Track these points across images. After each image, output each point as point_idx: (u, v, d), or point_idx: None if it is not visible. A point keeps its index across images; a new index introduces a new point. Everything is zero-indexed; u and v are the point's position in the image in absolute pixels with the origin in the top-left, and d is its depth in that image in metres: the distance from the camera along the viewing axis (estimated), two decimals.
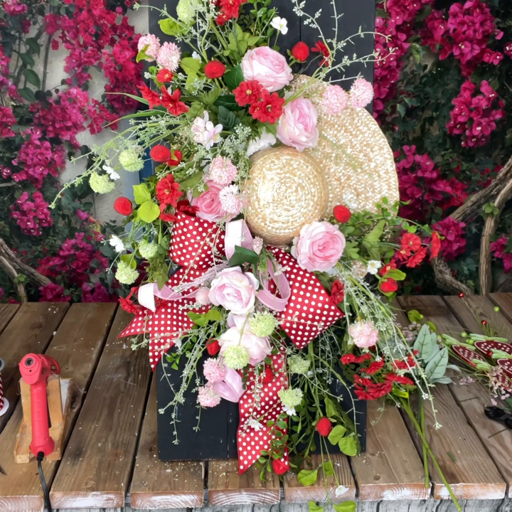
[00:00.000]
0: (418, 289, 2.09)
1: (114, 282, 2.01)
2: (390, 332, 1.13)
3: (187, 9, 1.05)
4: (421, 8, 1.81)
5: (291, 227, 1.11)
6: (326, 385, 1.26)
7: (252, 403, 1.23)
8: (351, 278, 1.13)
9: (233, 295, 1.07)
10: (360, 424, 1.29)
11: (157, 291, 1.15)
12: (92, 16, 1.77)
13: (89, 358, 1.64)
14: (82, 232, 1.96)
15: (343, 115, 1.17)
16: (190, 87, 1.07)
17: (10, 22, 1.77)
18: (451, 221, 2.01)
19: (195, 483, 1.23)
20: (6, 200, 1.91)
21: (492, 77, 1.87)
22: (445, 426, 1.40)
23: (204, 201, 1.10)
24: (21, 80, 1.82)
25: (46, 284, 2.00)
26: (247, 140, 1.09)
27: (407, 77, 1.88)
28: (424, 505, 1.29)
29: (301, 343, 1.16)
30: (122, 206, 1.09)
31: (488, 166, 1.96)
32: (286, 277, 1.13)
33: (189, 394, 1.24)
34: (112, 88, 1.84)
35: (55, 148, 1.88)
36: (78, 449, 1.31)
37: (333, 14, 1.06)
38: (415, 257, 1.10)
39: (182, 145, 1.09)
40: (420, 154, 1.94)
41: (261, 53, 1.05)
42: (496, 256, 2.06)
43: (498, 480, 1.25)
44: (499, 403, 1.48)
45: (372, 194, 1.20)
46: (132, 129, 1.08)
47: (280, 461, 1.24)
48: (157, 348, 1.21)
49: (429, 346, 1.56)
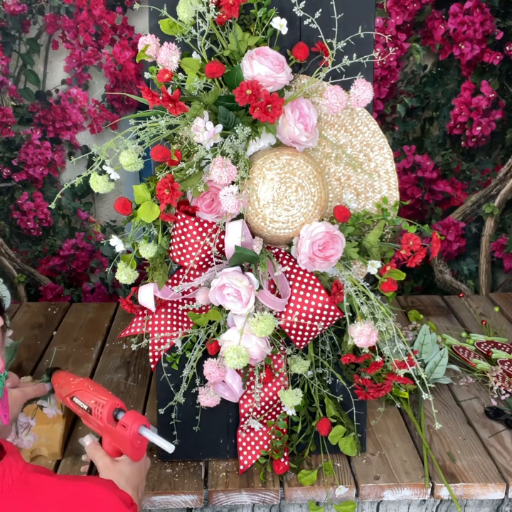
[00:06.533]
0: (418, 289, 2.09)
1: (114, 282, 2.01)
2: (390, 332, 1.13)
3: (187, 9, 1.05)
4: (421, 8, 1.81)
5: (291, 227, 1.11)
6: (326, 385, 1.26)
7: (252, 403, 1.23)
8: (351, 278, 1.13)
9: (233, 295, 1.07)
10: (360, 424, 1.29)
11: (157, 291, 1.14)
12: (92, 16, 1.77)
13: (89, 358, 1.64)
14: (82, 232, 1.96)
15: (343, 115, 1.17)
16: (190, 87, 1.07)
17: (10, 22, 1.76)
18: (451, 221, 2.01)
19: (195, 483, 1.23)
20: (6, 200, 1.91)
21: (492, 77, 1.87)
22: (445, 426, 1.40)
23: (204, 201, 1.10)
24: (21, 80, 1.82)
25: (46, 284, 2.00)
26: (247, 140, 1.09)
27: (407, 77, 1.87)
28: (424, 505, 1.29)
29: (301, 343, 1.16)
30: (122, 206, 1.09)
31: (488, 166, 1.96)
32: (286, 277, 1.13)
33: (189, 394, 1.24)
34: (111, 88, 1.84)
35: (55, 148, 1.88)
36: (78, 448, 1.31)
37: (333, 14, 1.06)
38: (415, 257, 1.10)
39: (182, 145, 1.09)
40: (420, 154, 1.94)
41: (261, 53, 1.05)
42: (496, 256, 2.06)
43: (498, 480, 1.25)
44: (499, 403, 1.48)
45: (372, 194, 1.20)
46: (132, 129, 1.08)
47: (280, 461, 1.24)
48: (157, 348, 1.21)
49: (429, 346, 1.56)
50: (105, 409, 1.03)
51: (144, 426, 1.01)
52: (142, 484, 1.05)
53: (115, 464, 1.02)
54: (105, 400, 1.04)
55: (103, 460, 1.03)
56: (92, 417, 1.05)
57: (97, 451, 1.05)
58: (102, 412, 1.03)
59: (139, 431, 1.01)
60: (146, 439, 1.02)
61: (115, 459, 1.03)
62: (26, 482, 0.75)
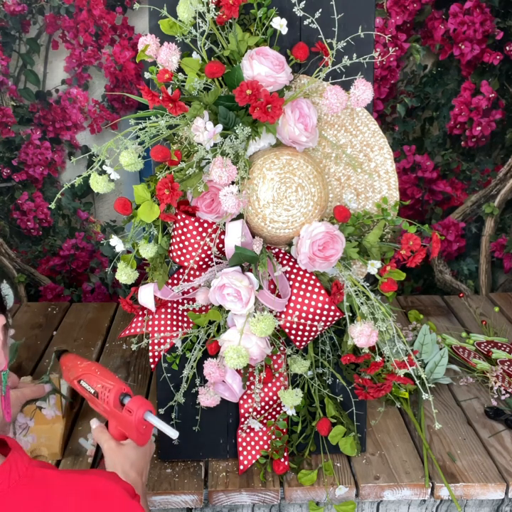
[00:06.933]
0: (418, 289, 2.09)
1: (114, 282, 2.01)
2: (390, 332, 1.13)
3: (187, 9, 1.05)
4: (421, 8, 1.81)
5: (291, 227, 1.11)
6: (326, 385, 1.26)
7: (252, 403, 1.23)
8: (351, 278, 1.13)
9: (233, 295, 1.07)
10: (360, 424, 1.29)
11: (157, 291, 1.14)
12: (92, 16, 1.77)
13: (90, 358, 1.64)
14: (82, 232, 1.96)
15: (343, 115, 1.17)
16: (190, 87, 1.06)
17: (10, 22, 1.76)
18: (451, 221, 2.01)
19: (195, 483, 1.23)
20: (6, 200, 1.91)
21: (492, 77, 1.87)
22: (445, 426, 1.40)
23: (204, 201, 1.10)
24: (21, 80, 1.82)
25: (46, 284, 2.00)
26: (247, 140, 1.09)
27: (407, 77, 1.87)
28: (424, 505, 1.29)
29: (301, 343, 1.16)
30: (122, 206, 1.09)
31: (488, 166, 1.96)
32: (286, 277, 1.13)
33: (189, 394, 1.24)
34: (111, 88, 1.84)
35: (55, 148, 1.88)
36: (78, 448, 1.31)
37: (333, 14, 1.06)
38: (415, 257, 1.10)
39: (182, 145, 1.09)
40: (420, 154, 1.94)
41: (261, 53, 1.05)
42: (496, 256, 2.06)
43: (498, 480, 1.25)
44: (499, 403, 1.48)
45: (372, 194, 1.20)
46: (132, 129, 1.08)
47: (280, 461, 1.24)
48: (157, 348, 1.21)
49: (429, 346, 1.56)
50: (111, 393, 1.04)
51: (149, 411, 1.02)
52: (146, 469, 1.06)
53: (120, 447, 1.03)
54: (112, 384, 1.05)
55: (108, 443, 1.03)
56: (99, 400, 1.05)
57: (102, 435, 1.05)
58: (108, 396, 1.04)
59: (145, 416, 1.01)
60: (151, 424, 1.02)
61: (120, 442, 1.04)
62: (32, 477, 0.76)
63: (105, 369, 1.11)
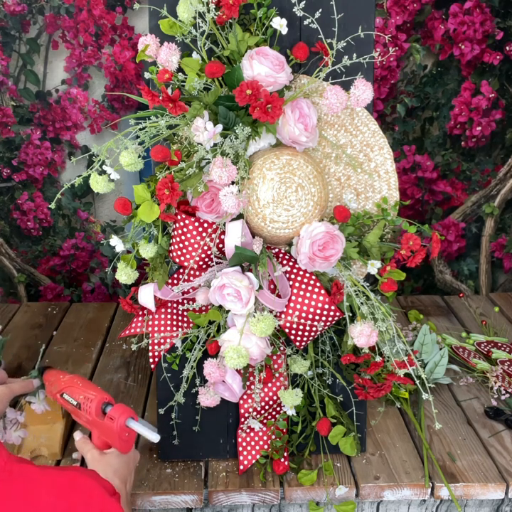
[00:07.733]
0: (418, 289, 2.09)
1: (114, 282, 2.01)
2: (390, 332, 1.13)
3: (187, 9, 1.05)
4: (421, 8, 1.81)
5: (291, 227, 1.11)
6: (326, 385, 1.26)
7: (252, 403, 1.23)
8: (351, 278, 1.13)
9: (233, 295, 1.07)
10: (360, 424, 1.29)
11: (157, 291, 1.15)
12: (92, 16, 1.77)
13: (89, 358, 1.64)
14: (82, 232, 1.96)
15: (343, 115, 1.17)
16: (190, 87, 1.06)
17: (10, 22, 1.76)
18: (451, 221, 2.01)
19: (195, 483, 1.23)
20: (6, 200, 1.91)
21: (492, 77, 1.87)
22: (445, 426, 1.40)
23: (204, 201, 1.10)
24: (21, 80, 1.82)
25: (46, 283, 2.00)
26: (247, 140, 1.09)
27: (407, 77, 1.87)
28: (424, 505, 1.29)
29: (301, 343, 1.16)
30: (122, 206, 1.09)
31: (488, 166, 1.96)
32: (286, 277, 1.13)
33: (189, 394, 1.24)
34: (111, 88, 1.84)
35: (55, 148, 1.88)
36: None
37: (333, 14, 1.06)
38: (415, 257, 1.10)
39: (182, 145, 1.09)
40: (420, 154, 1.94)
41: (261, 53, 1.05)
42: (496, 256, 2.06)
43: (498, 480, 1.25)
44: (499, 403, 1.48)
45: (372, 194, 1.20)
46: (132, 129, 1.08)
47: (280, 461, 1.24)
48: (157, 348, 1.21)
49: (429, 346, 1.56)
50: (93, 403, 1.04)
51: (131, 418, 1.02)
52: (131, 477, 1.05)
53: (103, 456, 1.03)
54: (94, 394, 1.05)
55: (91, 453, 1.04)
56: (81, 412, 1.06)
57: (85, 445, 1.06)
58: (90, 406, 1.04)
59: (126, 423, 1.01)
60: (134, 431, 1.03)
61: (103, 451, 1.04)
62: (11, 472, 0.76)
63: (87, 381, 1.12)
